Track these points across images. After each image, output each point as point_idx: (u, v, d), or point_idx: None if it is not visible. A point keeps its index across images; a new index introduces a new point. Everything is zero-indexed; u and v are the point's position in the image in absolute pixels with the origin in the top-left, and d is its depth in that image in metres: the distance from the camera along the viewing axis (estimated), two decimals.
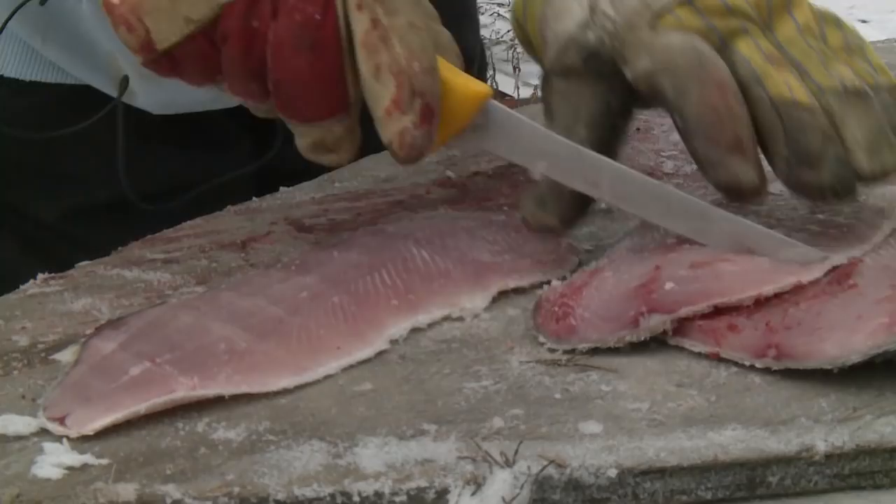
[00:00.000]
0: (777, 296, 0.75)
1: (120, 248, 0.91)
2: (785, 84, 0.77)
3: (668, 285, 0.75)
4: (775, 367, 0.71)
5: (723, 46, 0.79)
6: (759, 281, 0.75)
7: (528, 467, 0.64)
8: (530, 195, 0.84)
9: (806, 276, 0.76)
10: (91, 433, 0.67)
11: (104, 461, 0.65)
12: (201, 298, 0.78)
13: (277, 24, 0.76)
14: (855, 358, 0.69)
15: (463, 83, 0.80)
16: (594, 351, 0.74)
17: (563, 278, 0.82)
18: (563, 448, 0.65)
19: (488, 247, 0.84)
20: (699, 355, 0.74)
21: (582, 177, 0.81)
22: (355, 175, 1.05)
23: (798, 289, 0.75)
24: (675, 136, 1.06)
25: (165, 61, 0.78)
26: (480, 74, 1.37)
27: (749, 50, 0.78)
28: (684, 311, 0.74)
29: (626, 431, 0.66)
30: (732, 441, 0.65)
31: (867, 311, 0.71)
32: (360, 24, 0.76)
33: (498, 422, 0.67)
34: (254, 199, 1.00)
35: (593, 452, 0.65)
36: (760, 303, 0.74)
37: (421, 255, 0.82)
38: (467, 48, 1.28)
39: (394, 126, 0.76)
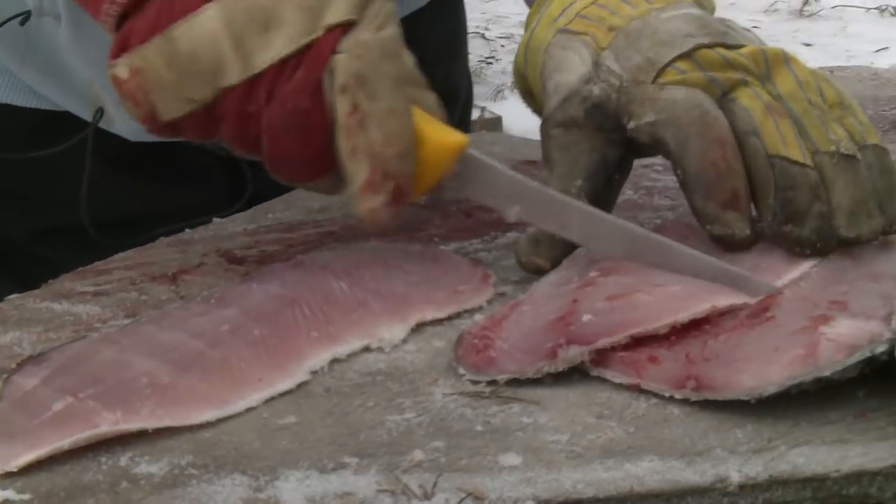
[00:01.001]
0: (697, 328, 0.76)
1: (50, 281, 0.92)
2: (781, 138, 0.82)
3: (586, 317, 0.76)
4: (694, 399, 0.72)
5: (724, 97, 0.84)
6: (674, 309, 0.77)
7: (447, 500, 0.64)
8: (526, 237, 0.89)
9: (721, 302, 0.77)
10: (15, 470, 0.67)
11: (25, 497, 0.65)
12: (122, 332, 0.79)
13: (271, 109, 0.79)
14: (771, 389, 0.70)
15: (439, 136, 0.83)
16: (517, 383, 0.75)
17: (480, 308, 0.84)
18: (481, 480, 0.66)
19: (405, 277, 0.85)
20: (620, 387, 0.74)
21: (553, 219, 0.85)
22: (289, 206, 1.05)
23: (717, 321, 0.77)
24: None
25: (168, 129, 0.82)
26: (466, 109, 1.44)
27: (749, 101, 0.83)
28: (602, 343, 0.75)
29: (544, 463, 0.67)
30: (649, 472, 0.66)
31: (784, 343, 0.73)
32: (341, 108, 0.79)
33: (418, 454, 0.68)
34: (186, 230, 1.01)
35: (511, 485, 0.65)
36: (680, 334, 0.76)
37: (339, 286, 0.83)
38: (456, 86, 1.38)
39: (366, 204, 0.81)
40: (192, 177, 1.17)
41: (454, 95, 1.38)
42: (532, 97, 0.95)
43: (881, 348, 0.71)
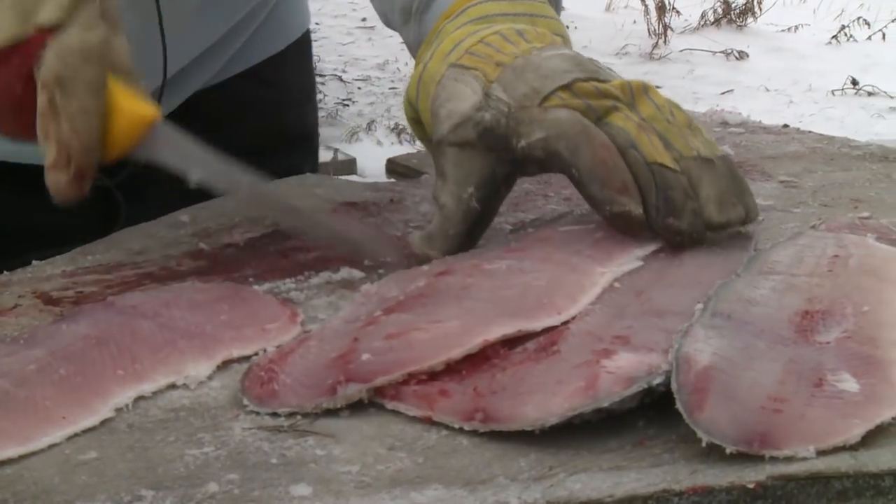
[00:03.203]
0: (486, 361, 0.80)
1: None
2: (655, 149, 0.95)
3: (365, 356, 0.79)
4: (482, 430, 0.75)
5: (599, 122, 0.96)
6: (449, 346, 0.80)
7: None
8: (420, 233, 1.01)
9: (492, 335, 0.81)
10: None
11: None
12: None
13: None
14: (553, 420, 0.73)
15: (132, 109, 0.95)
16: (315, 416, 0.78)
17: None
18: None
19: (213, 317, 0.88)
20: (414, 419, 0.77)
21: (225, 182, 1.01)
22: (109, 248, 1.07)
23: (507, 354, 0.80)
24: (424, 208, 1.12)
25: None
26: (314, 149, 1.56)
27: (623, 122, 0.96)
28: (379, 381, 0.78)
29: (334, 493, 0.70)
30: (433, 500, 0.69)
31: (566, 376, 0.76)
32: (40, 99, 0.93)
33: (213, 487, 0.70)
34: (4, 272, 1.02)
35: None
36: (471, 368, 0.79)
37: (148, 326, 0.85)
38: (310, 129, 1.52)
39: (52, 178, 0.94)
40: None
41: (308, 137, 1.51)
42: (419, 124, 1.05)
43: (658, 380, 0.75)
